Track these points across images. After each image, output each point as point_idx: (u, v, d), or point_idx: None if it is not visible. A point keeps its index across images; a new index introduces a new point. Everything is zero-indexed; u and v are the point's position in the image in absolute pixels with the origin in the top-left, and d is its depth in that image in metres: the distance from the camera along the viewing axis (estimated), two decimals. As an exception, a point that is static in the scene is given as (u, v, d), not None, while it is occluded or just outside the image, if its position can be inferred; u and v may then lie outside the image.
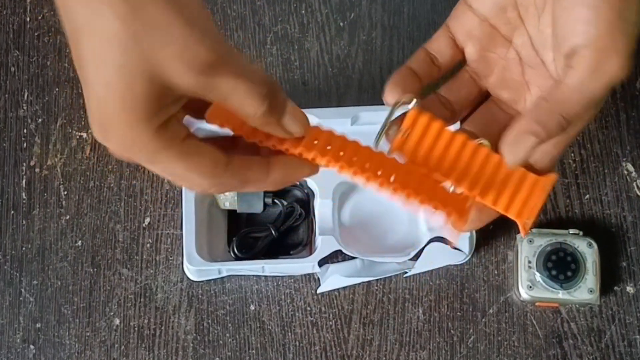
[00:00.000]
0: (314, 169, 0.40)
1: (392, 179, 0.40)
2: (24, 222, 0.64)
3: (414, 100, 0.41)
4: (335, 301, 0.62)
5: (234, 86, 0.34)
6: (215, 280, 0.63)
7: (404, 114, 0.42)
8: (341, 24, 0.68)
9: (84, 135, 0.66)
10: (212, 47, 0.33)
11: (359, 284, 0.62)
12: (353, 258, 0.61)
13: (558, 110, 0.38)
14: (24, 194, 0.65)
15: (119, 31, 0.32)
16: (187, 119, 0.38)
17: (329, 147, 0.40)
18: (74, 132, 0.66)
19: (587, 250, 0.60)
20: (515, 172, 0.41)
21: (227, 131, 0.40)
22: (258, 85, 0.35)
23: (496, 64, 0.44)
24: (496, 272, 0.63)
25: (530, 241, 0.60)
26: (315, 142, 0.39)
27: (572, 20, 0.38)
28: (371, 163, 0.40)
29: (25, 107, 0.67)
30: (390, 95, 0.42)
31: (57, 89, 0.67)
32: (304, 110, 0.64)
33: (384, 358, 0.61)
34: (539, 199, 0.41)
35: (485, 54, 0.44)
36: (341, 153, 0.40)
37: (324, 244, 0.60)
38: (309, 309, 0.62)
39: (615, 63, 0.38)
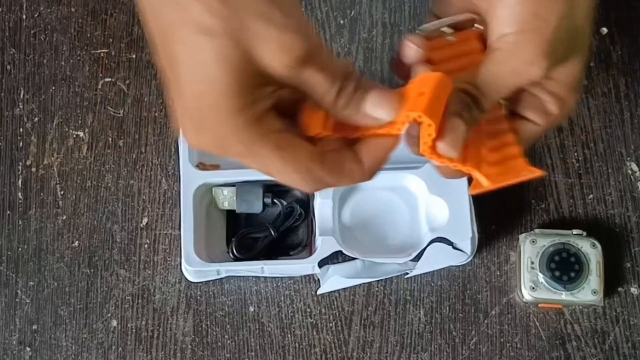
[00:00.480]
0: (397, 139, 0.39)
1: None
2: (20, 223, 0.64)
3: (476, 26, 0.42)
4: (335, 302, 0.62)
5: (323, 74, 0.36)
6: (214, 281, 0.62)
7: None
8: (341, 21, 0.68)
9: (81, 134, 0.66)
10: (306, 39, 0.34)
11: (360, 285, 0.62)
12: (353, 259, 0.60)
13: (469, 90, 0.39)
14: (20, 193, 0.65)
15: (214, 24, 0.33)
16: None
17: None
18: (71, 131, 0.66)
19: (591, 250, 0.60)
20: (506, 142, 0.41)
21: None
22: (338, 74, 0.36)
23: None
24: (498, 273, 0.62)
25: (533, 242, 0.60)
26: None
27: (499, 12, 0.39)
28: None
29: (21, 106, 0.66)
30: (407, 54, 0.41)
31: (53, 88, 0.67)
32: None
33: (384, 360, 0.61)
34: (508, 178, 0.40)
35: None
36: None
37: (324, 245, 0.60)
38: (308, 310, 0.62)
39: (522, 60, 0.38)
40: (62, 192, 0.65)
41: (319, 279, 0.62)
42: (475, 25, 0.42)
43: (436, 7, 0.44)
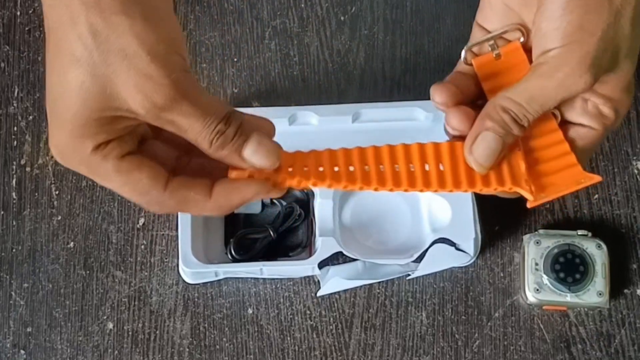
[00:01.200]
0: (262, 188, 0.40)
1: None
2: (14, 223, 0.64)
3: (522, 38, 0.43)
4: (335, 304, 0.62)
5: (188, 121, 0.36)
6: (211, 282, 0.62)
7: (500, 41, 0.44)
8: (342, 18, 0.67)
9: None
10: (173, 84, 0.35)
11: (361, 286, 0.62)
12: (354, 260, 0.60)
13: (509, 107, 0.40)
14: (14, 193, 0.64)
15: (82, 53, 0.34)
16: None
17: (306, 169, 0.40)
18: None
19: (596, 251, 0.59)
20: (561, 152, 0.42)
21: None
22: (213, 121, 0.37)
23: None
24: (502, 275, 0.62)
25: (537, 242, 0.60)
26: (290, 169, 0.40)
27: (543, 27, 0.40)
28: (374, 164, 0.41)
29: (15, 104, 0.66)
30: (437, 94, 0.43)
31: None
32: (303, 107, 0.63)
33: (386, 363, 0.61)
34: (567, 187, 0.42)
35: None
36: (320, 169, 0.41)
37: (324, 246, 0.59)
38: (308, 312, 0.61)
39: (566, 73, 0.39)
40: (57, 192, 0.64)
41: (319, 281, 0.61)
42: (521, 38, 0.43)
43: (480, 18, 0.45)
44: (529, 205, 0.43)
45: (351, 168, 0.41)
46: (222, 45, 0.67)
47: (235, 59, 0.67)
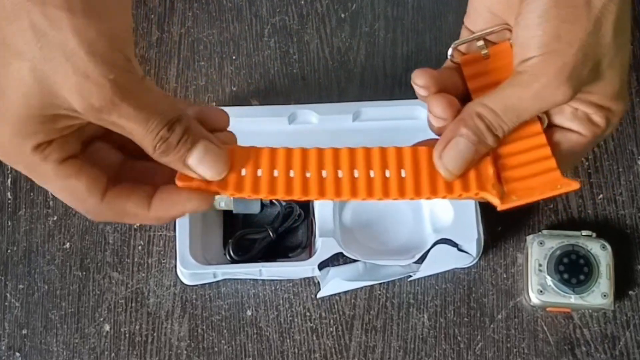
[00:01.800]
0: (203, 203, 0.39)
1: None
2: (9, 223, 0.63)
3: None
4: (336, 306, 0.61)
5: (130, 124, 0.35)
6: (210, 284, 0.62)
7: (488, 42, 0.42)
8: (342, 15, 0.67)
9: None
10: (111, 85, 0.34)
11: (361, 288, 0.61)
12: (355, 261, 0.60)
13: (484, 115, 0.39)
14: (9, 193, 0.64)
15: (23, 49, 0.33)
16: None
17: (259, 173, 0.39)
18: None
19: (601, 252, 0.59)
20: (542, 156, 0.40)
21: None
22: (156, 125, 0.36)
23: None
24: (505, 276, 0.62)
25: (541, 243, 0.60)
26: (242, 172, 0.39)
27: (521, 35, 0.39)
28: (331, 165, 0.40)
29: None
30: (419, 77, 0.41)
31: None
32: (303, 106, 0.63)
33: (387, 366, 0.61)
34: (543, 192, 0.40)
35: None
36: (275, 173, 0.40)
37: (324, 246, 0.59)
38: (308, 314, 0.61)
39: (543, 84, 0.38)
40: None
41: (319, 282, 0.61)
42: (510, 38, 0.42)
43: (468, 21, 0.44)
44: (498, 208, 0.41)
45: (307, 174, 0.39)
46: (221, 42, 0.67)
47: (234, 57, 0.66)
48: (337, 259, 0.60)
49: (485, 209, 0.59)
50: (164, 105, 0.36)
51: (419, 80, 0.41)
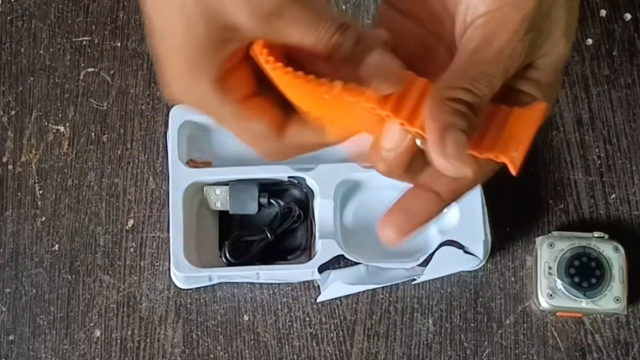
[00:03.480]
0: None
1: None
2: None
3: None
4: (336, 311, 0.61)
5: (302, 30, 0.35)
6: (205, 288, 0.62)
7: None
8: (343, 6, 0.66)
9: (61, 128, 0.65)
10: None
11: (363, 292, 0.61)
12: (356, 263, 0.60)
13: (452, 96, 0.36)
14: None
15: None
16: None
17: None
18: (51, 125, 0.65)
19: (613, 255, 0.59)
20: (491, 109, 0.38)
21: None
22: (328, 29, 0.35)
23: None
24: (513, 279, 0.62)
25: (550, 245, 0.59)
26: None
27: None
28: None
29: None
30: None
31: (31, 78, 0.66)
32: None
33: (390, 373, 0.61)
34: (527, 132, 0.37)
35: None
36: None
37: (324, 249, 0.59)
38: (308, 319, 0.61)
39: (505, 39, 0.36)
40: (41, 192, 0.64)
41: (319, 286, 0.61)
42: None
43: None
44: (514, 171, 0.37)
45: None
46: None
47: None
48: (337, 262, 0.60)
49: (493, 209, 0.60)
50: (331, 10, 0.36)
51: None
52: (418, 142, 0.36)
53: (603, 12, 0.64)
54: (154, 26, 0.36)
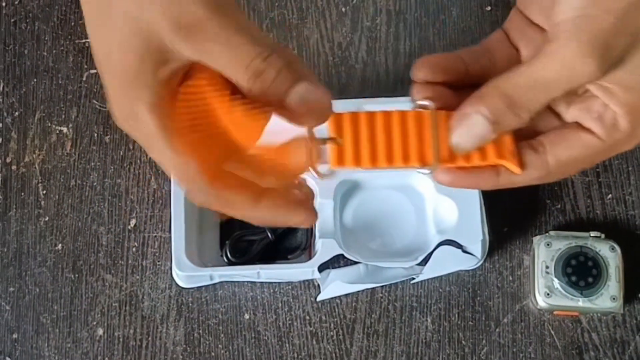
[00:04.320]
0: (309, 218, 0.37)
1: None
2: None
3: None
4: (336, 310, 0.61)
5: (222, 50, 0.33)
6: (206, 287, 0.62)
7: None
8: (343, 9, 0.67)
9: (64, 129, 0.65)
10: (200, 3, 0.33)
11: (363, 291, 0.61)
12: (356, 263, 0.60)
13: (506, 91, 0.36)
14: None
15: None
16: None
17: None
18: (54, 126, 0.65)
19: (610, 254, 0.59)
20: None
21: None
22: (248, 53, 0.33)
23: None
24: (511, 278, 0.62)
25: (548, 244, 0.59)
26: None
27: (557, 3, 0.36)
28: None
29: (0, 99, 0.66)
30: (426, 63, 0.39)
31: (35, 80, 0.66)
32: None
33: (389, 371, 0.61)
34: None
35: None
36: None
37: (324, 248, 0.59)
38: (308, 318, 0.61)
39: (571, 52, 0.34)
40: (44, 192, 0.64)
41: (318, 285, 0.61)
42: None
43: (520, 2, 0.42)
44: (517, 172, 0.39)
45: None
46: (218, 37, 0.66)
47: (231, 52, 0.66)
48: (337, 261, 0.59)
49: (491, 209, 0.60)
50: (259, 36, 0.34)
51: (422, 73, 0.39)
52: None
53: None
54: (94, 47, 0.35)
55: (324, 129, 0.38)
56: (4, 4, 0.67)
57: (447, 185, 0.39)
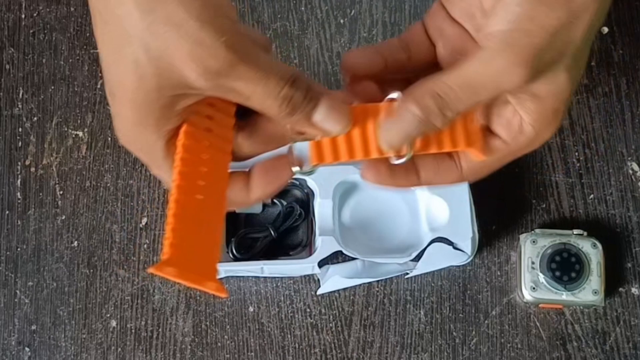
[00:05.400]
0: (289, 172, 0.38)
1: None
2: (19, 222, 0.64)
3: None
4: (335, 303, 0.62)
5: (251, 87, 0.34)
6: None
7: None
8: (341, 20, 0.67)
9: (80, 134, 0.66)
10: (227, 47, 0.32)
11: (360, 285, 0.62)
12: (353, 259, 0.60)
13: (438, 91, 0.36)
14: (19, 193, 0.64)
15: (136, 26, 0.32)
16: None
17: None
18: (70, 130, 0.66)
19: (592, 250, 0.59)
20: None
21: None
22: (277, 84, 0.34)
23: None
24: (499, 273, 0.62)
25: (533, 242, 0.60)
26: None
27: (496, 9, 0.36)
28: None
29: (20, 106, 0.66)
30: (347, 60, 0.39)
31: (52, 87, 0.66)
32: None
33: (385, 360, 0.61)
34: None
35: (455, 55, 0.41)
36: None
37: (324, 245, 0.59)
38: (308, 310, 0.62)
39: (506, 60, 0.35)
40: (61, 192, 0.64)
41: (318, 279, 0.61)
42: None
43: (426, 19, 0.42)
44: (481, 156, 0.39)
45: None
46: (224, 47, 0.67)
47: (236, 61, 0.67)
48: (336, 257, 0.60)
49: (480, 208, 0.60)
50: (279, 65, 0.34)
51: (345, 64, 0.39)
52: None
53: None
54: (106, 76, 0.35)
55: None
56: (23, 16, 0.67)
57: (372, 182, 0.39)
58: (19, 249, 0.63)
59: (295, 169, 0.38)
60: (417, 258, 0.60)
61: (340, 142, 0.37)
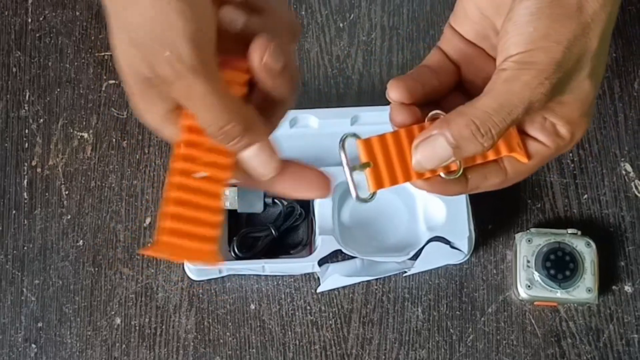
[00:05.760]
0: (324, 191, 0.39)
1: None
2: (25, 222, 0.64)
3: (353, 134, 0.40)
4: (335, 300, 0.62)
5: (199, 103, 0.35)
6: (215, 279, 0.62)
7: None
8: (341, 24, 0.68)
9: (85, 135, 0.66)
10: (198, 59, 0.33)
11: (359, 283, 0.62)
12: (353, 257, 0.60)
13: (472, 117, 0.37)
14: (25, 193, 0.65)
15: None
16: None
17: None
18: (75, 132, 0.66)
19: (586, 249, 0.60)
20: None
21: None
22: (223, 110, 0.35)
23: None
24: (495, 272, 0.63)
25: (529, 241, 0.60)
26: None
27: (510, 32, 0.37)
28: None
29: (26, 108, 0.67)
30: (393, 90, 0.41)
31: (58, 90, 0.67)
32: (304, 110, 0.62)
33: (383, 357, 0.61)
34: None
35: (479, 74, 0.43)
36: None
37: (323, 244, 0.60)
38: (308, 308, 0.62)
39: (530, 77, 0.36)
40: (66, 192, 0.65)
41: (318, 278, 0.62)
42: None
43: (454, 21, 0.43)
44: (526, 159, 0.40)
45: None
46: (226, 50, 0.68)
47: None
48: (336, 256, 0.60)
49: (476, 208, 0.60)
50: (236, 102, 0.36)
51: (394, 94, 0.40)
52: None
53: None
54: (114, 56, 0.36)
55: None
56: (29, 20, 0.68)
57: (424, 190, 0.41)
58: (25, 248, 0.64)
59: (353, 195, 0.39)
60: (415, 257, 0.60)
61: (396, 165, 0.38)
